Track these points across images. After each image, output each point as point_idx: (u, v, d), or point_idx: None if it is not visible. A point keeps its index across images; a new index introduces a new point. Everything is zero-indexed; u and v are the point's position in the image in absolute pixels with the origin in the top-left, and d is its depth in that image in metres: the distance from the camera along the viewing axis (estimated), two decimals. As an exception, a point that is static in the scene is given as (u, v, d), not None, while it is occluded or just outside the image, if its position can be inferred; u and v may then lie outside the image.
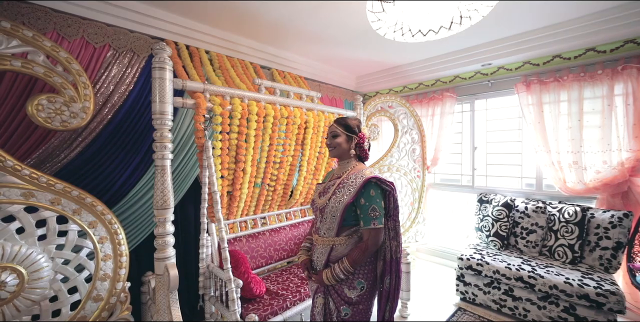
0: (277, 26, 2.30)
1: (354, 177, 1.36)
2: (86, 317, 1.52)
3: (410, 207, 3.47)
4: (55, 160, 1.69)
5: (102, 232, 1.60)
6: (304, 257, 1.43)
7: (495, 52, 2.68)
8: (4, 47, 1.34)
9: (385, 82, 3.64)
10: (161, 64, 1.43)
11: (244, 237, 2.11)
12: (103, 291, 1.59)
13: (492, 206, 2.88)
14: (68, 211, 1.48)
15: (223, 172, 1.82)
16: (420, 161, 3.46)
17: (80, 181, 1.76)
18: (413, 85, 3.60)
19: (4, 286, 1.26)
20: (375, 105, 3.14)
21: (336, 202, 1.30)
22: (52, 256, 1.43)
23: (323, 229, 1.35)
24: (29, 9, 1.62)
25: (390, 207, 1.33)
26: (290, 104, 2.09)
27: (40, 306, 1.39)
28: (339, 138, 1.39)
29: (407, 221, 3.45)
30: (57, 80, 1.46)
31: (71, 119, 1.50)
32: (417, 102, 3.57)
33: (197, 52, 2.27)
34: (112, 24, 1.90)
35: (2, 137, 1.55)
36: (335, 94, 3.64)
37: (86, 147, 1.79)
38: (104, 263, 1.60)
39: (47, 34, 1.67)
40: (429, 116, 3.45)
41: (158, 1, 1.93)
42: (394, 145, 3.30)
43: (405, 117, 3.33)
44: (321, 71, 3.32)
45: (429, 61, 3.10)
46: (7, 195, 1.31)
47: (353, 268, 1.26)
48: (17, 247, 1.33)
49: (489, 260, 2.48)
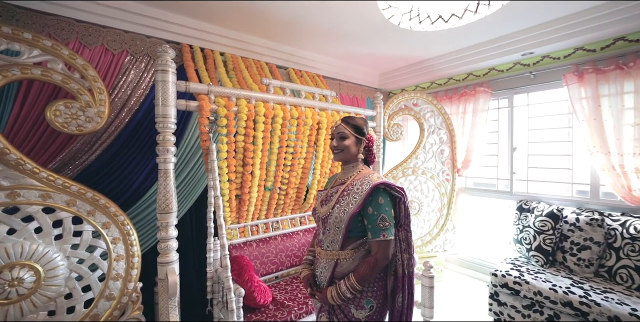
0: (289, 24, 2.22)
1: (360, 183, 1.22)
2: (98, 315, 1.57)
3: (438, 214, 3.20)
4: (76, 163, 1.79)
5: (115, 233, 1.64)
6: (307, 272, 1.31)
7: (539, 39, 2.32)
8: (26, 57, 1.42)
9: (411, 78, 3.39)
10: (163, 66, 1.42)
11: (254, 242, 2.06)
12: (115, 290, 1.63)
13: (535, 215, 2.52)
14: (83, 212, 1.54)
15: (230, 176, 1.78)
16: (450, 163, 3.17)
17: (99, 184, 1.83)
18: (442, 80, 3.31)
19: (21, 283, 1.33)
20: (398, 104, 2.93)
21: (340, 212, 1.18)
22: (67, 255, 1.50)
23: (326, 241, 1.23)
24: (54, 21, 1.72)
25: (401, 215, 1.19)
26: (301, 104, 2.00)
27: (56, 303, 1.45)
28: (348, 140, 1.25)
29: (435, 228, 3.19)
30: (73, 87, 1.52)
31: (86, 124, 1.56)
32: (446, 98, 3.27)
33: (212, 54, 2.28)
34: (129, 31, 1.96)
35: (31, 141, 1.66)
36: (356, 92, 3.48)
37: (105, 151, 1.87)
38: (116, 263, 1.64)
39: (70, 43, 1.76)
40: (459, 114, 3.13)
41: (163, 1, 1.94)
42: (420, 146, 3.06)
43: (432, 116, 3.07)
44: (341, 69, 3.18)
45: (459, 53, 2.80)
46: (27, 196, 1.38)
47: (361, 286, 1.13)
48: (35, 245, 1.40)
49: (529, 278, 2.16)
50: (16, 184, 1.36)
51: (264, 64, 2.60)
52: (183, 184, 2.11)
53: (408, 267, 1.20)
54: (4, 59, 1.35)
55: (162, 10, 2.01)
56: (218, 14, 2.08)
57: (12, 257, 1.33)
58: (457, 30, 2.31)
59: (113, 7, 1.85)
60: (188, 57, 2.09)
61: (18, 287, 1.33)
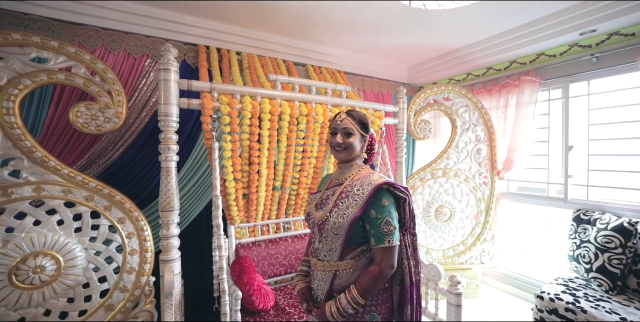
0: (301, 17, 2.14)
1: (360, 183, 1.09)
2: (113, 305, 1.65)
3: (474, 221, 2.84)
4: (101, 161, 1.92)
5: (129, 228, 1.72)
6: (301, 285, 1.19)
7: (604, 12, 1.90)
8: (52, 63, 1.54)
9: (443, 70, 3.07)
10: (166, 65, 1.43)
11: (263, 242, 2.02)
12: (129, 283, 1.70)
13: (597, 228, 2.08)
14: (100, 207, 1.63)
15: (236, 175, 1.75)
16: (489, 165, 2.80)
17: (121, 181, 1.95)
18: (479, 71, 2.94)
19: (43, 270, 1.45)
20: (426, 98, 2.67)
21: (339, 217, 1.05)
22: (85, 246, 1.60)
23: (323, 250, 1.11)
24: (83, 30, 1.87)
25: (406, 218, 1.08)
26: (311, 100, 1.90)
27: (75, 291, 1.56)
28: (353, 137, 1.13)
29: (470, 237, 2.84)
30: (94, 89, 1.62)
31: (105, 124, 1.64)
32: (484, 91, 2.90)
33: (227, 54, 2.30)
34: (150, 35, 2.06)
35: (63, 141, 1.82)
36: (381, 88, 3.27)
37: (127, 149, 1.98)
38: (130, 257, 1.72)
39: (96, 49, 1.90)
40: (500, 108, 2.75)
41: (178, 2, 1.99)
42: (451, 145, 2.75)
43: (466, 111, 2.74)
44: (363, 63, 3.01)
45: (499, 38, 2.45)
46: (50, 191, 1.50)
47: (364, 299, 1.00)
48: (57, 236, 1.51)
49: (588, 306, 1.77)
50: (41, 180, 1.49)
51: (280, 62, 2.56)
52: (196, 187, 2.15)
53: (415, 275, 1.09)
54: (33, 66, 1.48)
55: (180, 13, 2.07)
56: (231, 14, 2.09)
57: (37, 246, 1.46)
58: (493, 10, 2.00)
59: (135, 13, 1.95)
60: (203, 58, 2.13)
61: (40, 274, 1.44)
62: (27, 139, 1.44)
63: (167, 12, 2.05)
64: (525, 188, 2.84)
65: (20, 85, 1.44)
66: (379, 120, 2.18)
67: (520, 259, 2.98)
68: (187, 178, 2.16)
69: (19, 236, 1.44)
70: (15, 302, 1.40)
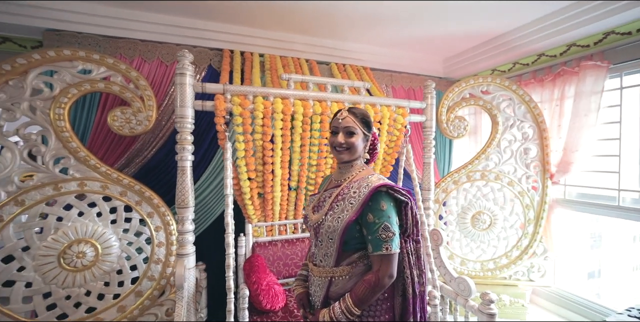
0: (321, 15, 2.09)
1: (357, 185, 1.03)
2: (142, 292, 1.81)
3: (520, 232, 2.49)
4: (137, 160, 2.12)
5: (157, 222, 1.87)
6: (300, 290, 1.16)
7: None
8: (95, 73, 1.75)
9: (484, 60, 2.75)
10: (182, 70, 1.51)
11: (280, 242, 2.02)
12: (156, 272, 1.85)
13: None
14: (132, 202, 1.80)
15: (250, 174, 1.78)
16: (539, 167, 2.43)
17: (153, 179, 2.12)
18: (528, 59, 2.55)
19: (84, 256, 1.65)
20: (461, 92, 2.41)
21: (334, 220, 1.00)
22: (119, 237, 1.78)
23: (319, 255, 1.07)
24: (123, 43, 2.09)
25: (408, 223, 1.00)
26: (326, 99, 1.84)
27: (110, 276, 1.75)
28: (356, 136, 1.06)
29: (515, 249, 2.50)
30: (128, 95, 1.79)
31: (137, 126, 1.81)
32: (534, 82, 2.51)
33: (250, 57, 2.37)
34: (180, 43, 2.21)
35: (106, 142, 2.05)
36: (412, 83, 3.06)
37: (159, 150, 2.16)
38: (158, 249, 1.87)
39: (134, 60, 2.11)
40: (554, 101, 2.35)
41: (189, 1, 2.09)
42: (491, 144, 2.45)
43: (509, 105, 2.42)
44: (391, 58, 2.84)
45: (553, 17, 2.09)
46: (91, 186, 1.70)
47: (359, 309, 0.94)
48: (96, 227, 1.71)
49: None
50: (84, 176, 1.69)
51: (303, 61, 2.55)
52: (221, 185, 2.23)
53: (419, 285, 1.01)
54: (79, 77, 1.70)
55: (205, 20, 2.19)
56: (251, 16, 2.14)
57: (80, 234, 1.66)
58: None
59: (166, 24, 2.12)
60: (226, 62, 2.22)
61: (82, 259, 1.65)
62: (73, 140, 1.66)
63: (195, 21, 2.18)
64: (588, 195, 2.38)
65: (69, 94, 1.65)
66: (402, 117, 2.03)
67: (581, 279, 2.51)
68: (212, 177, 2.27)
69: (67, 224, 1.66)
70: (62, 281, 1.61)
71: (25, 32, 1.99)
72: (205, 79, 2.25)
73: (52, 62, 1.63)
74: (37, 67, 1.61)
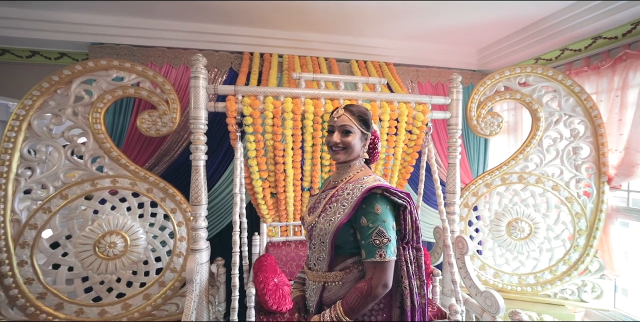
0: (334, 12, 2.04)
1: (352, 187, 0.98)
2: (165, 282, 1.93)
3: (569, 243, 2.16)
4: (165, 159, 2.28)
5: (179, 218, 1.99)
6: (297, 293, 1.14)
7: None
8: (126, 80, 1.92)
9: (526, 49, 2.44)
10: (196, 73, 1.58)
11: (294, 243, 2.02)
12: (178, 265, 1.97)
13: None
14: (157, 198, 1.94)
15: (262, 174, 1.80)
16: (593, 169, 2.09)
17: (179, 177, 2.26)
18: (580, 43, 2.20)
19: (115, 246, 1.82)
20: (494, 85, 2.18)
21: (325, 223, 0.96)
22: (146, 230, 1.93)
23: (313, 259, 1.04)
24: (153, 51, 2.26)
25: (407, 229, 0.93)
26: (339, 97, 1.79)
27: (137, 266, 1.90)
28: (352, 135, 1.01)
29: (562, 264, 2.18)
30: (154, 99, 1.93)
31: (162, 128, 1.94)
32: (588, 70, 2.15)
33: (269, 58, 2.40)
34: (204, 49, 2.33)
35: (139, 143, 2.24)
36: (441, 78, 2.85)
37: (184, 150, 2.30)
38: (180, 243, 1.98)
39: (163, 67, 2.27)
40: (613, 91, 1.99)
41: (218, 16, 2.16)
42: (531, 143, 2.17)
43: (554, 98, 2.13)
44: (416, 52, 2.68)
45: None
46: (122, 183, 1.87)
47: (350, 319, 0.89)
48: (126, 220, 1.87)
49: None
50: (116, 174, 1.87)
51: (322, 60, 2.52)
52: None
53: (419, 297, 0.93)
54: (113, 84, 1.87)
55: (224, 25, 2.28)
56: (267, 18, 2.17)
57: (112, 226, 1.84)
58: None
59: (190, 31, 2.25)
60: (245, 64, 2.28)
61: (113, 249, 1.81)
62: (107, 141, 1.83)
63: (216, 26, 2.28)
64: (659, 203, 1.98)
65: (104, 100, 1.84)
66: (422, 115, 1.89)
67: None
68: (230, 178, 2.35)
69: (102, 217, 1.84)
70: (97, 268, 1.80)
71: (76, 47, 2.26)
72: (226, 81, 2.34)
73: (91, 72, 1.82)
74: (79, 76, 1.81)
